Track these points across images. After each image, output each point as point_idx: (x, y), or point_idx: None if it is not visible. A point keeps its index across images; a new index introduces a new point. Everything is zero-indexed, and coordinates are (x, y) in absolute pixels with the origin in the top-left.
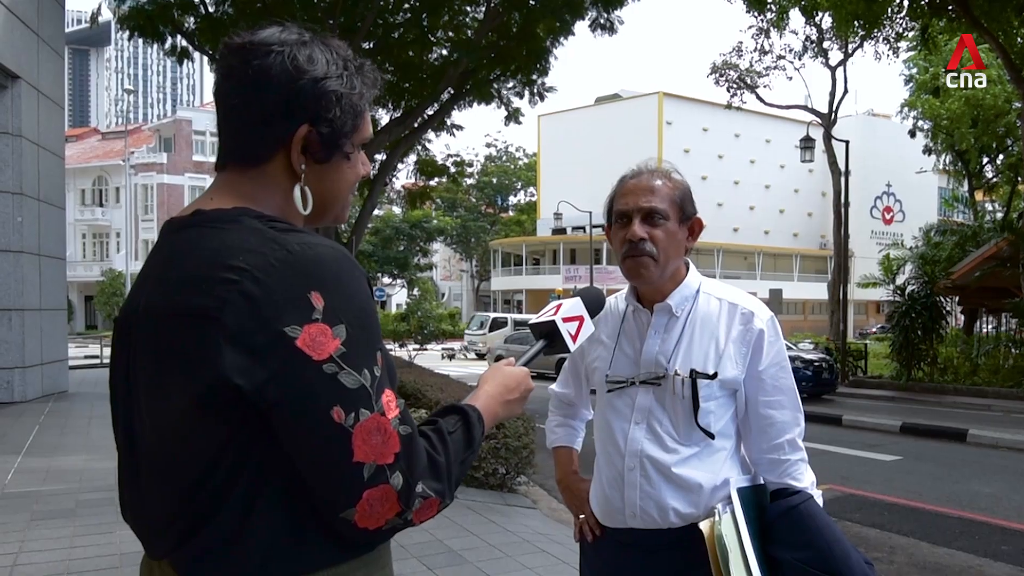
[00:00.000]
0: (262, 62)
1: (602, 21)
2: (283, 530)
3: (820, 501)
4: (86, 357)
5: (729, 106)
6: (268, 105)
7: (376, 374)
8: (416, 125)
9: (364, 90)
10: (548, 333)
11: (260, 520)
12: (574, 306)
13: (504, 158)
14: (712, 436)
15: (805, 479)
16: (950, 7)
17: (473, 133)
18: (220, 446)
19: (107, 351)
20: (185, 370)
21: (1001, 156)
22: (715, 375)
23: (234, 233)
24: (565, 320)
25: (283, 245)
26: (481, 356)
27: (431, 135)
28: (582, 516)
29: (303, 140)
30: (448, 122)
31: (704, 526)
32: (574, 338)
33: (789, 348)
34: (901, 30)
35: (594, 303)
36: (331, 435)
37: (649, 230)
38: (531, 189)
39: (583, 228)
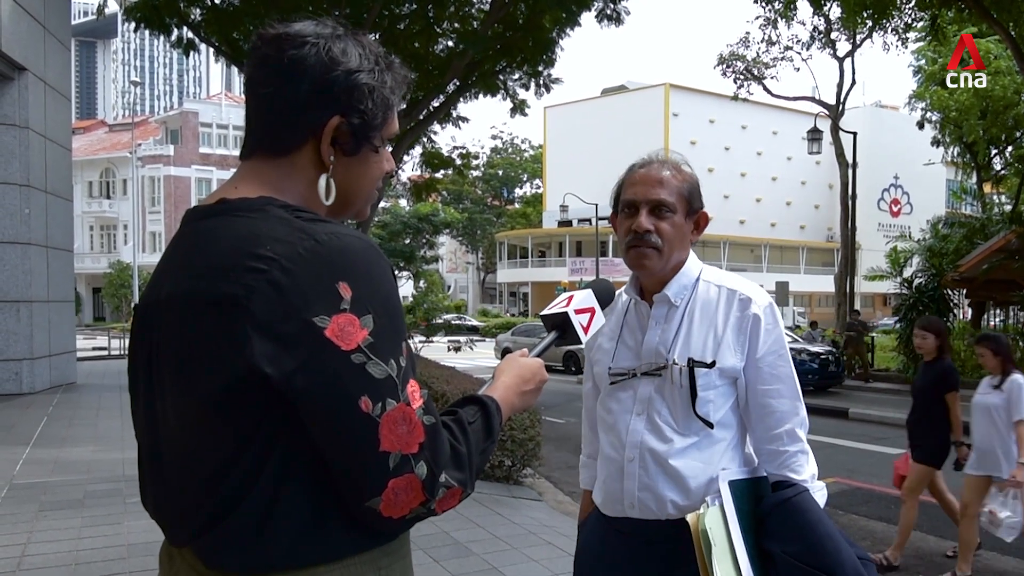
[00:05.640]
0: (297, 52)
1: (608, 12)
2: (308, 518)
3: (822, 494)
4: (94, 349)
5: (736, 97)
6: (301, 94)
7: (402, 364)
8: (422, 117)
9: (394, 85)
10: (560, 325)
11: (285, 508)
12: (586, 298)
13: (510, 150)
14: (711, 425)
15: (804, 471)
16: None
17: (479, 125)
18: (247, 434)
19: (115, 343)
20: (213, 358)
21: (1010, 148)
22: (713, 364)
23: (261, 222)
24: (577, 312)
25: (311, 235)
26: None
27: (437, 127)
28: None
29: (334, 131)
30: (454, 114)
31: (690, 518)
32: (586, 330)
33: (795, 340)
34: (910, 20)
35: (605, 295)
36: (358, 425)
37: (655, 222)
38: (537, 181)
39: (589, 220)
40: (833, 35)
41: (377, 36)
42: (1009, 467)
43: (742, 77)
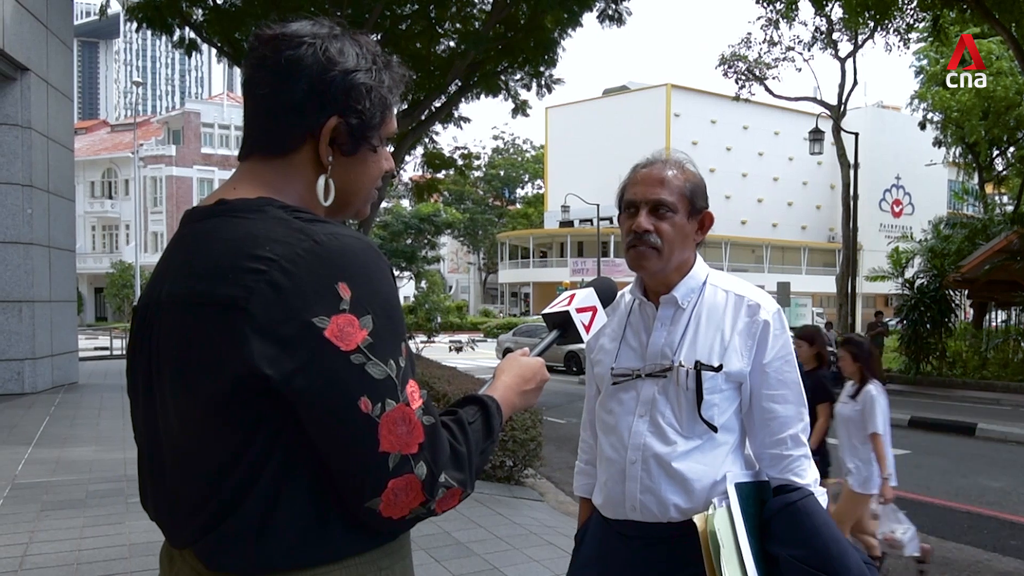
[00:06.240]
0: (294, 53)
1: (610, 12)
2: (309, 519)
3: (824, 498)
4: (96, 349)
5: (737, 98)
6: (298, 95)
7: (401, 365)
8: (423, 117)
9: (392, 84)
10: (561, 323)
11: (286, 509)
12: (587, 296)
13: (511, 150)
14: (715, 429)
15: (807, 475)
16: None
17: (480, 125)
18: (247, 436)
19: (117, 343)
20: (213, 360)
21: (1012, 148)
22: (720, 367)
23: (259, 223)
24: (579, 310)
25: (310, 235)
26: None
27: (438, 127)
28: None
29: (332, 131)
30: (455, 114)
31: (698, 519)
32: (587, 328)
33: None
34: (912, 21)
35: (607, 294)
36: (358, 425)
37: (655, 222)
38: (538, 181)
39: (590, 221)
40: (835, 36)
41: (379, 37)
42: (857, 480)
43: (744, 77)
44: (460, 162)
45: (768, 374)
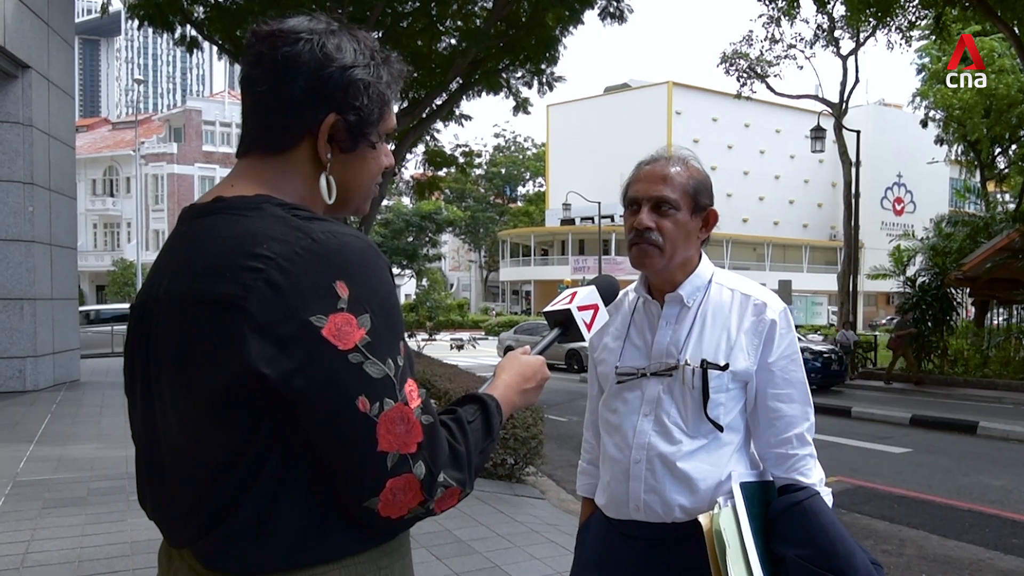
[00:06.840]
0: (291, 49)
1: (611, 10)
2: (307, 519)
3: (829, 498)
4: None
5: (739, 96)
6: (296, 92)
7: (400, 364)
8: (424, 115)
9: (390, 80)
10: (563, 321)
11: (285, 509)
12: (589, 294)
13: (513, 148)
14: (721, 428)
15: (813, 475)
16: None
17: (482, 123)
18: (246, 435)
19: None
20: (211, 359)
21: (1014, 146)
22: (726, 366)
23: (257, 220)
24: (580, 308)
25: (308, 234)
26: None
27: (439, 125)
28: None
29: (330, 128)
30: (457, 112)
31: (703, 519)
32: (589, 327)
33: (798, 339)
34: (914, 19)
35: (609, 291)
36: (356, 425)
37: (657, 219)
38: (540, 179)
39: (592, 218)
40: (837, 33)
41: (380, 34)
42: None
43: (745, 75)
44: (461, 160)
45: (774, 373)
